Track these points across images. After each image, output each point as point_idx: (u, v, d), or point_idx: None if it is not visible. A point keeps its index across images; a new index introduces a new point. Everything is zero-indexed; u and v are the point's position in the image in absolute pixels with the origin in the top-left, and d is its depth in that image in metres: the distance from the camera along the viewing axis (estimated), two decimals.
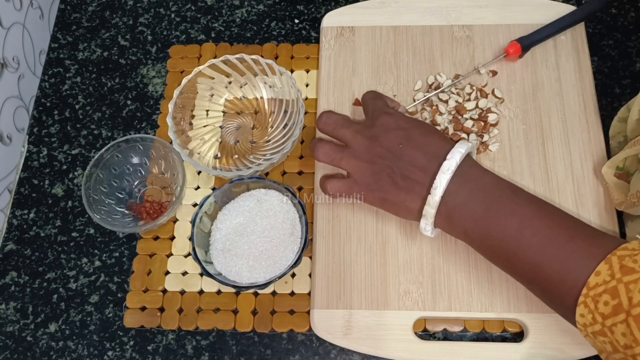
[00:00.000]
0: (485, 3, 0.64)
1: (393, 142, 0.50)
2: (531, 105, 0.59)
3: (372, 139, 0.51)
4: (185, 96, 0.60)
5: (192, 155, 0.58)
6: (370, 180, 0.50)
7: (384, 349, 0.51)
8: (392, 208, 0.51)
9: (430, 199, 0.47)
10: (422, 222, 0.49)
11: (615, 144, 0.56)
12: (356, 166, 0.51)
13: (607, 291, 0.40)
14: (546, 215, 0.46)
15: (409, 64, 0.62)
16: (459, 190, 0.47)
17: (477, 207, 0.47)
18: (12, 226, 0.61)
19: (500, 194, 0.47)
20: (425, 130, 0.51)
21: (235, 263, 0.53)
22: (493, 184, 0.48)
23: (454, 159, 0.47)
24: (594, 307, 0.40)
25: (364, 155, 0.50)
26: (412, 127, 0.51)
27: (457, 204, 0.47)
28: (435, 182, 0.47)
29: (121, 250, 0.59)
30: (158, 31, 0.69)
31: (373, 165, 0.50)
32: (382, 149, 0.50)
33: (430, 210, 0.47)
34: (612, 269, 0.40)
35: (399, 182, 0.49)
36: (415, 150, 0.49)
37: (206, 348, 0.55)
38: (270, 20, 0.69)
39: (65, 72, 0.68)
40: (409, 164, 0.49)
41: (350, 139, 0.52)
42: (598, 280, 0.40)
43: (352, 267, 0.54)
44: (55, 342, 0.56)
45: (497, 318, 0.53)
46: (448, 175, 0.46)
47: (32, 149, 0.64)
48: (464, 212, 0.47)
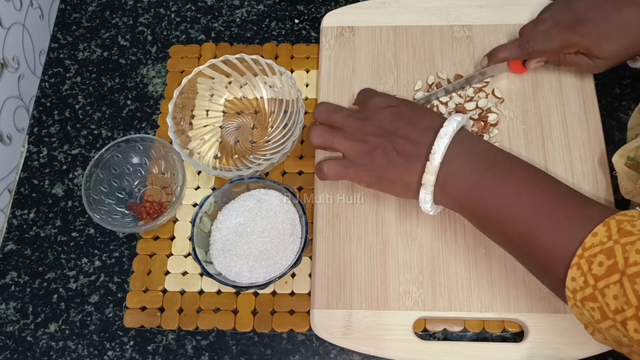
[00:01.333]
0: (485, 3, 0.64)
1: (385, 119, 0.50)
2: (531, 105, 0.59)
3: (364, 119, 0.51)
4: (185, 96, 0.60)
5: (192, 155, 0.58)
6: (365, 159, 0.50)
7: (384, 349, 0.51)
8: (389, 186, 0.51)
9: (429, 165, 0.47)
10: (422, 193, 0.48)
11: (632, 136, 0.56)
12: (349, 146, 0.51)
13: (603, 251, 0.39)
14: (542, 180, 0.46)
15: (409, 64, 0.62)
16: (456, 156, 0.47)
17: (473, 173, 0.47)
18: (12, 226, 0.61)
19: (496, 160, 0.48)
20: (416, 106, 0.52)
21: (235, 263, 0.54)
22: (488, 150, 0.48)
23: (451, 125, 0.47)
24: (587, 269, 0.40)
25: (357, 135, 0.51)
26: (402, 104, 0.51)
27: (452, 171, 0.47)
28: (434, 147, 0.47)
29: (121, 250, 0.59)
30: (158, 31, 0.69)
31: (366, 144, 0.50)
32: (374, 127, 0.50)
33: (429, 177, 0.47)
34: (610, 231, 0.40)
35: (393, 157, 0.49)
36: (408, 125, 0.49)
37: (206, 348, 0.55)
38: (270, 20, 0.69)
39: (65, 72, 0.68)
40: (402, 139, 0.49)
41: (343, 121, 0.52)
42: (594, 240, 0.40)
43: (352, 267, 0.54)
44: (55, 342, 0.56)
45: (497, 318, 0.53)
46: (446, 140, 0.47)
47: (32, 149, 0.64)
48: (460, 178, 0.47)
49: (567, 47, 0.55)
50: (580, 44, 0.54)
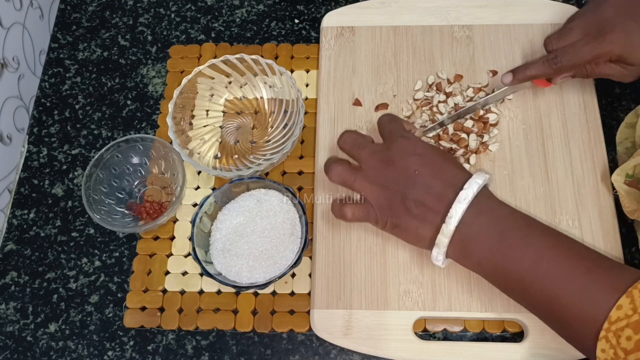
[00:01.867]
0: (485, 3, 0.64)
1: (409, 167, 0.48)
2: (531, 105, 0.59)
3: (388, 162, 0.49)
4: (185, 96, 0.60)
5: (192, 155, 0.58)
6: (383, 204, 0.49)
7: (384, 349, 0.51)
8: (404, 235, 0.50)
9: (444, 228, 0.46)
10: (434, 251, 0.48)
11: (622, 150, 0.56)
12: (369, 190, 0.49)
13: (630, 325, 0.39)
14: (563, 247, 0.45)
15: (409, 64, 0.62)
16: (474, 220, 0.46)
17: (492, 238, 0.46)
18: (12, 226, 0.61)
19: (515, 225, 0.46)
20: (442, 157, 0.49)
21: (235, 263, 0.54)
22: (508, 215, 0.47)
23: (471, 189, 0.46)
24: (615, 342, 0.39)
25: (378, 179, 0.49)
26: (429, 153, 0.49)
27: (471, 234, 0.46)
28: (451, 211, 0.45)
29: (121, 250, 0.59)
30: (158, 31, 0.69)
31: (386, 190, 0.48)
32: (397, 174, 0.48)
33: (443, 239, 0.46)
34: (634, 302, 0.39)
35: (412, 208, 0.47)
36: (431, 178, 0.48)
37: (206, 348, 0.55)
38: (270, 20, 0.69)
39: (65, 72, 0.68)
40: (423, 191, 0.47)
41: (365, 160, 0.50)
42: (620, 314, 0.39)
43: (352, 267, 0.54)
44: (55, 342, 0.56)
45: (497, 318, 0.53)
46: (464, 205, 0.45)
47: (32, 149, 0.64)
48: (478, 242, 0.46)
49: (598, 57, 0.52)
50: (612, 53, 0.51)
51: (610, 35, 0.50)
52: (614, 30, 0.50)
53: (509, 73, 0.56)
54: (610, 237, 0.54)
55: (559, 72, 0.54)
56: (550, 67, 0.53)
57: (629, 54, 0.51)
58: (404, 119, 0.59)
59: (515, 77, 0.55)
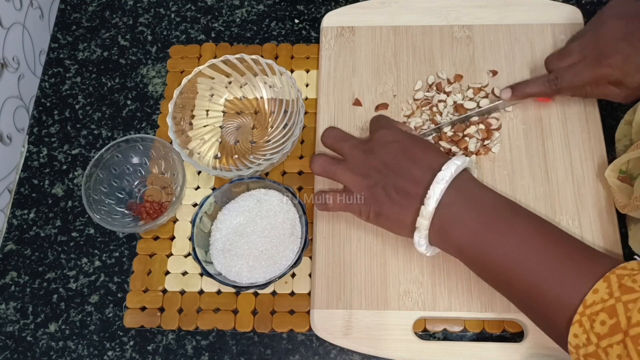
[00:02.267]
0: (485, 3, 0.64)
1: (388, 155, 0.49)
2: (531, 105, 0.59)
3: (368, 152, 0.50)
4: (185, 96, 0.60)
5: (192, 155, 0.58)
6: (365, 193, 0.50)
7: (384, 349, 0.51)
8: (386, 222, 0.50)
9: (423, 210, 0.46)
10: (416, 236, 0.48)
11: (621, 147, 0.56)
12: (351, 179, 0.50)
13: (605, 310, 0.39)
14: (545, 234, 0.45)
15: (409, 64, 0.62)
16: (453, 202, 0.46)
17: (473, 223, 0.46)
18: (12, 226, 0.61)
19: (498, 210, 0.46)
20: (422, 144, 0.50)
21: (235, 263, 0.54)
22: (490, 199, 0.47)
23: (449, 169, 0.46)
24: (589, 327, 0.39)
25: (359, 169, 0.50)
26: (407, 140, 0.50)
27: (451, 217, 0.46)
28: (429, 191, 0.46)
29: (121, 250, 0.59)
30: (158, 31, 0.69)
31: (367, 179, 0.49)
32: (377, 162, 0.49)
33: (423, 222, 0.46)
34: (611, 287, 0.39)
35: (392, 195, 0.48)
36: (410, 163, 0.48)
37: (206, 348, 0.55)
38: (270, 20, 0.69)
39: (65, 72, 0.68)
40: (403, 177, 0.48)
41: (348, 152, 0.52)
42: (595, 298, 0.39)
43: (352, 267, 0.54)
44: (55, 342, 0.56)
45: (497, 318, 0.53)
46: (442, 185, 0.45)
47: (32, 149, 0.64)
48: (459, 226, 0.46)
49: (598, 80, 0.53)
50: (611, 77, 0.52)
51: (610, 60, 0.52)
52: (614, 55, 0.51)
53: (508, 89, 0.57)
54: (610, 236, 0.54)
55: (559, 92, 0.55)
56: (551, 88, 0.55)
57: (627, 78, 0.52)
58: (402, 120, 0.59)
59: (514, 94, 0.56)
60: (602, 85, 0.54)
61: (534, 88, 0.56)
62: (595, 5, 0.66)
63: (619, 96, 0.54)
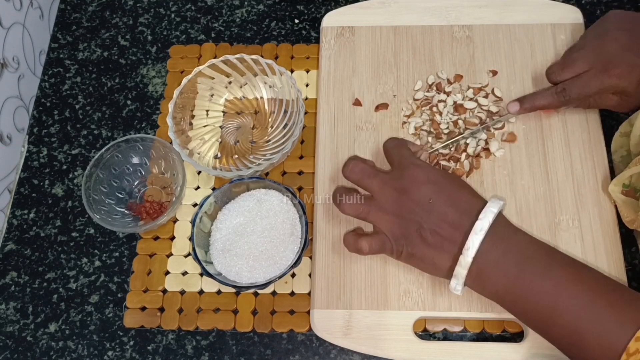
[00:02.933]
0: (485, 3, 0.64)
1: (423, 196, 0.48)
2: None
3: (401, 191, 0.48)
4: (185, 96, 0.60)
5: (192, 155, 0.58)
6: (397, 234, 0.48)
7: (384, 349, 0.51)
8: (420, 264, 0.49)
9: (462, 260, 0.46)
10: (453, 282, 0.47)
11: (617, 159, 0.56)
12: (384, 220, 0.49)
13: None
14: (582, 278, 0.45)
15: (409, 64, 0.62)
16: (491, 250, 0.46)
17: (510, 269, 0.45)
18: (12, 226, 0.61)
19: (534, 255, 0.46)
20: (457, 185, 0.49)
21: (235, 263, 0.54)
22: (526, 244, 0.47)
23: (487, 218, 0.46)
24: None
25: (392, 209, 0.49)
26: (442, 181, 0.49)
27: (488, 264, 0.46)
28: (468, 242, 0.45)
29: (121, 250, 0.59)
30: (158, 31, 0.69)
31: (401, 220, 0.48)
32: (411, 203, 0.48)
33: (461, 271, 0.46)
34: None
35: (428, 238, 0.47)
36: (446, 206, 0.47)
37: (206, 348, 0.55)
38: (270, 20, 0.69)
39: (65, 72, 0.68)
40: (439, 220, 0.47)
41: (378, 190, 0.50)
42: (638, 346, 0.40)
43: (352, 267, 0.54)
44: (55, 342, 0.56)
45: (497, 318, 0.53)
46: (481, 236, 0.45)
47: (32, 149, 0.64)
48: (496, 272, 0.46)
49: (605, 90, 0.53)
50: (617, 87, 0.52)
51: (617, 70, 0.52)
52: (619, 66, 0.51)
53: (515, 102, 0.56)
54: (610, 236, 0.54)
55: (566, 104, 0.55)
56: (559, 100, 0.54)
57: (631, 87, 0.52)
58: (401, 120, 0.59)
59: (522, 107, 0.56)
60: (604, 95, 0.54)
61: (542, 101, 0.55)
62: (595, 5, 0.66)
63: (620, 106, 0.54)
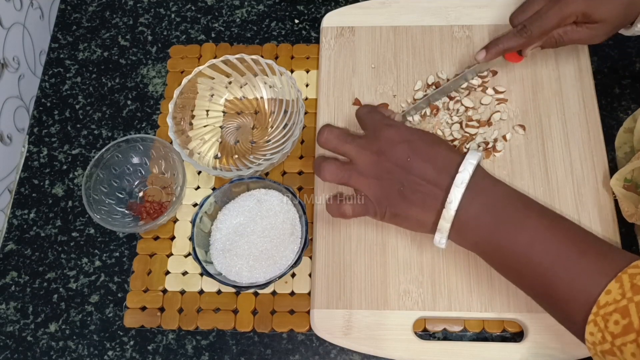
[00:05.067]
0: (485, 3, 0.64)
1: (400, 155, 0.48)
2: (531, 105, 0.59)
3: (378, 153, 0.49)
4: (185, 96, 0.60)
5: (192, 155, 0.58)
6: (380, 196, 0.49)
7: (384, 349, 0.52)
8: (404, 222, 0.50)
9: (445, 213, 0.46)
10: (437, 236, 0.48)
11: (621, 155, 0.56)
12: (365, 183, 0.50)
13: (618, 310, 0.39)
14: (558, 229, 0.46)
15: (409, 64, 0.62)
16: (472, 203, 0.46)
17: (489, 220, 0.46)
18: (12, 226, 0.61)
19: (512, 206, 0.47)
20: (431, 140, 0.50)
21: (235, 263, 0.54)
22: (505, 196, 0.48)
23: (467, 170, 0.46)
24: (603, 326, 0.40)
25: (372, 172, 0.49)
26: (417, 138, 0.49)
27: (469, 216, 0.46)
28: (450, 196, 0.46)
29: (121, 250, 0.59)
30: (158, 31, 0.69)
31: (382, 181, 0.49)
32: (389, 164, 0.48)
33: (445, 224, 0.47)
34: (623, 287, 0.40)
35: (409, 196, 0.48)
36: (424, 163, 0.48)
37: (206, 348, 0.55)
38: (270, 20, 0.69)
39: (66, 72, 0.68)
40: (418, 178, 0.48)
41: (355, 155, 0.50)
42: (608, 299, 0.40)
43: (352, 267, 0.54)
44: (55, 342, 0.56)
45: (497, 318, 0.53)
46: (462, 189, 0.46)
47: (32, 149, 0.64)
48: (476, 224, 0.47)
49: (565, 19, 0.53)
50: (577, 11, 0.52)
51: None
52: None
53: (482, 50, 0.57)
54: (610, 236, 0.54)
55: (529, 42, 0.55)
56: (522, 38, 0.54)
57: (593, 10, 0.52)
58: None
59: (488, 53, 0.56)
60: (569, 28, 0.54)
61: (506, 43, 0.55)
62: None
63: (589, 36, 0.54)
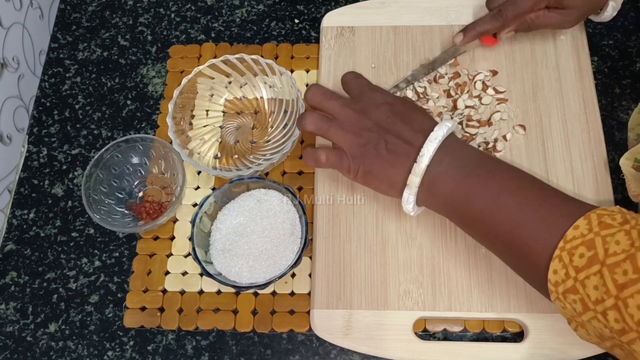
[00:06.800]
0: (485, 3, 0.64)
1: (381, 116, 0.50)
2: (531, 105, 0.59)
3: (361, 112, 0.51)
4: (185, 96, 0.60)
5: (192, 155, 0.58)
6: (356, 151, 0.50)
7: (384, 349, 0.52)
8: (375, 181, 0.51)
9: (416, 167, 0.47)
10: (406, 193, 0.49)
11: (633, 136, 0.56)
12: (343, 137, 0.51)
13: (584, 243, 0.40)
14: (524, 180, 0.47)
15: (409, 64, 0.62)
16: (443, 158, 0.48)
17: (458, 172, 0.47)
18: (12, 226, 0.61)
19: (480, 162, 0.48)
20: (412, 106, 0.52)
21: (235, 263, 0.54)
22: (474, 154, 0.49)
23: (441, 130, 0.48)
24: (568, 261, 0.40)
25: (351, 127, 0.51)
26: (399, 103, 0.51)
27: (439, 173, 0.48)
28: (423, 149, 0.47)
29: (121, 250, 0.59)
30: (158, 31, 0.69)
31: (360, 138, 0.50)
32: (369, 122, 0.50)
33: (415, 179, 0.48)
34: (591, 224, 0.41)
35: (384, 154, 0.49)
36: (402, 124, 0.50)
37: (206, 348, 0.55)
38: (270, 20, 0.69)
39: (65, 72, 0.68)
40: (394, 137, 0.49)
41: (339, 111, 0.52)
42: (576, 233, 0.41)
43: (352, 267, 0.54)
44: (55, 342, 0.56)
45: (497, 318, 0.53)
46: (435, 144, 0.47)
47: (32, 149, 0.64)
48: (445, 180, 0.48)
49: (537, 4, 0.55)
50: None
51: None
52: None
53: (459, 33, 0.59)
54: None
55: (504, 25, 0.57)
56: (497, 21, 0.57)
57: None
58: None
59: (466, 35, 0.59)
60: (542, 13, 0.56)
61: (482, 26, 0.58)
62: None
63: (559, 21, 0.57)
